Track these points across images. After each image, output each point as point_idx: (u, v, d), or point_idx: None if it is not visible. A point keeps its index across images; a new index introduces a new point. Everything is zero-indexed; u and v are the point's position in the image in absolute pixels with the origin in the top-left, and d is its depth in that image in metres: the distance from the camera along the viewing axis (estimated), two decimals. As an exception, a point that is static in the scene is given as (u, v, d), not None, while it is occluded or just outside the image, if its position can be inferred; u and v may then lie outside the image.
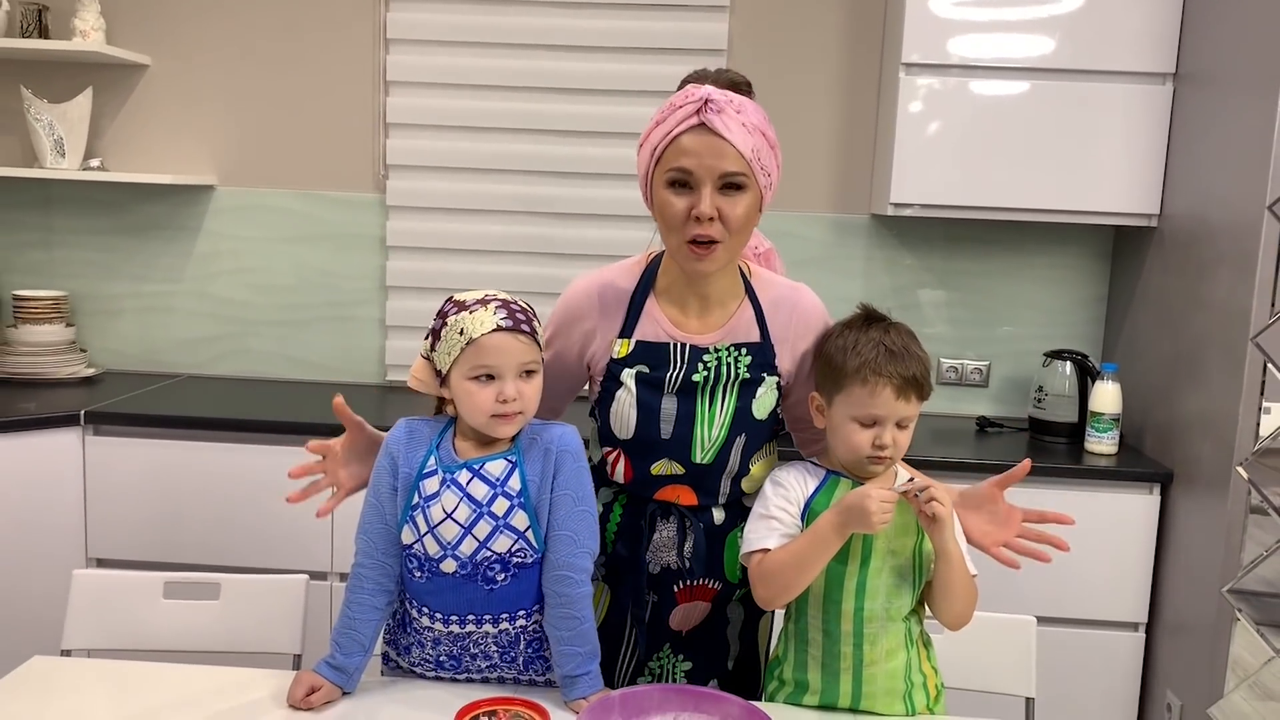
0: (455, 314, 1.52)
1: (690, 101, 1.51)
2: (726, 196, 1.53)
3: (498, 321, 1.50)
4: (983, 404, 3.15)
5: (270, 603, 1.88)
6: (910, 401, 1.53)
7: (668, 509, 1.68)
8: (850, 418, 1.53)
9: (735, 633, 1.74)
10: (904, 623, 1.57)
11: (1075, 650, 2.64)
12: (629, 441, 1.65)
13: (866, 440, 1.52)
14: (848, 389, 1.53)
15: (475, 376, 1.50)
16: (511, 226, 3.13)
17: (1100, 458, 2.70)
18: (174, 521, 2.71)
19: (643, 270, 1.70)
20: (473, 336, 1.49)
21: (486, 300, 1.52)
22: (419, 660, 1.63)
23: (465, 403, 1.52)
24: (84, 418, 2.68)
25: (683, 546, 1.68)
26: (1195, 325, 2.54)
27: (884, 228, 3.12)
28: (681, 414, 1.63)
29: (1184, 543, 2.54)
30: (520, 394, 1.51)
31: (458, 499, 1.52)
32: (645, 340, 1.65)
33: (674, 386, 1.63)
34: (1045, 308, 3.12)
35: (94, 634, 1.83)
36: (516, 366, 1.51)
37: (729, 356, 1.64)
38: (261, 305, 3.22)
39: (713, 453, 1.64)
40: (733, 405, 1.63)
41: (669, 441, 1.64)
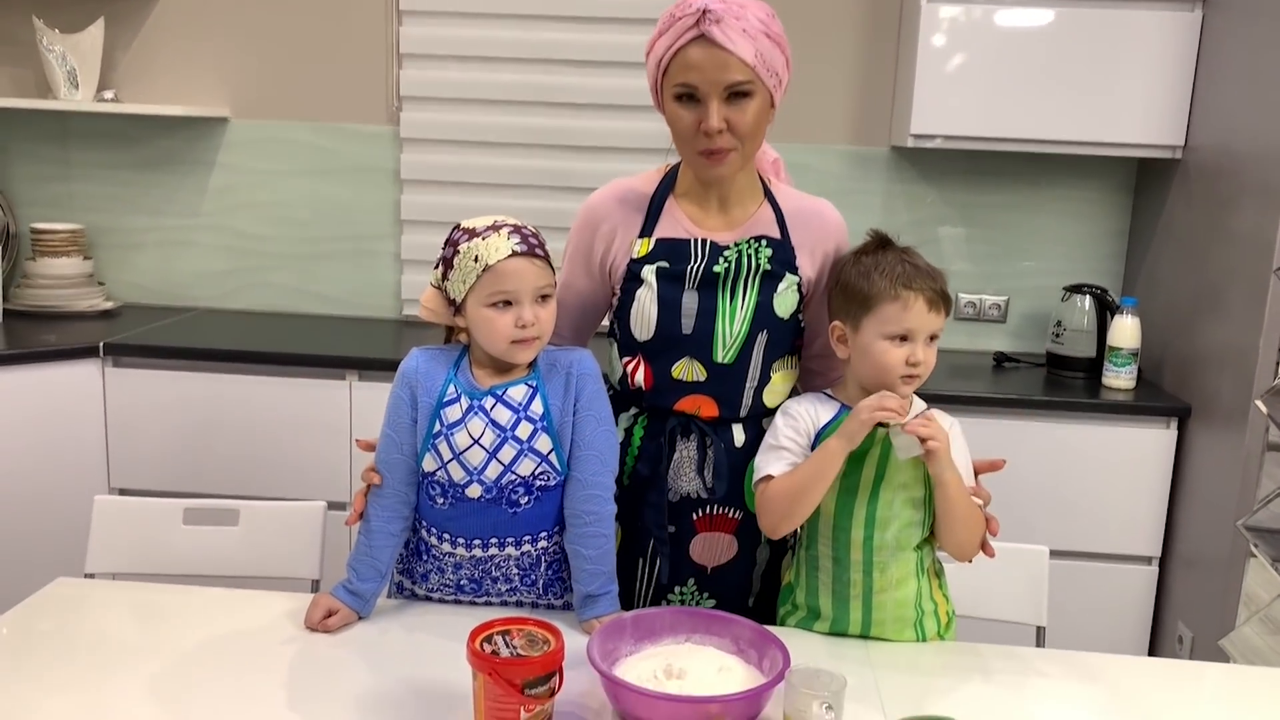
0: (467, 241, 1.51)
1: (688, 13, 1.50)
2: (734, 106, 1.53)
3: (513, 247, 1.49)
4: (1000, 339, 3.13)
5: (288, 529, 1.90)
6: (940, 314, 1.54)
7: (688, 426, 1.68)
8: (882, 336, 1.53)
9: (759, 573, 1.75)
10: (915, 552, 1.58)
11: (1088, 583, 2.65)
12: (649, 342, 1.65)
13: (900, 358, 1.52)
14: (878, 308, 1.53)
15: (493, 303, 1.50)
16: (526, 160, 3.10)
17: (1118, 392, 2.68)
18: (194, 452, 2.74)
19: (662, 176, 1.71)
20: (489, 263, 1.49)
21: (498, 226, 1.52)
22: (437, 586, 1.65)
23: (483, 330, 1.52)
24: (103, 350, 2.70)
25: (703, 468, 1.68)
26: (1218, 258, 2.51)
27: (903, 160, 3.08)
28: (703, 308, 1.63)
29: (1200, 477, 2.53)
30: (538, 318, 1.51)
31: (484, 425, 1.53)
32: (665, 238, 1.66)
33: (695, 281, 1.63)
34: (1065, 242, 3.08)
35: (116, 559, 1.86)
36: (533, 291, 1.51)
37: (749, 249, 1.64)
38: (278, 239, 3.22)
39: (734, 351, 1.64)
40: (754, 300, 1.63)
41: (690, 338, 1.63)
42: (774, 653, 1.37)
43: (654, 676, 1.35)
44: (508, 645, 1.27)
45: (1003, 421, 2.61)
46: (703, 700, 1.27)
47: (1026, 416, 2.62)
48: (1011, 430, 2.61)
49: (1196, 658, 2.48)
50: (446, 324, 1.61)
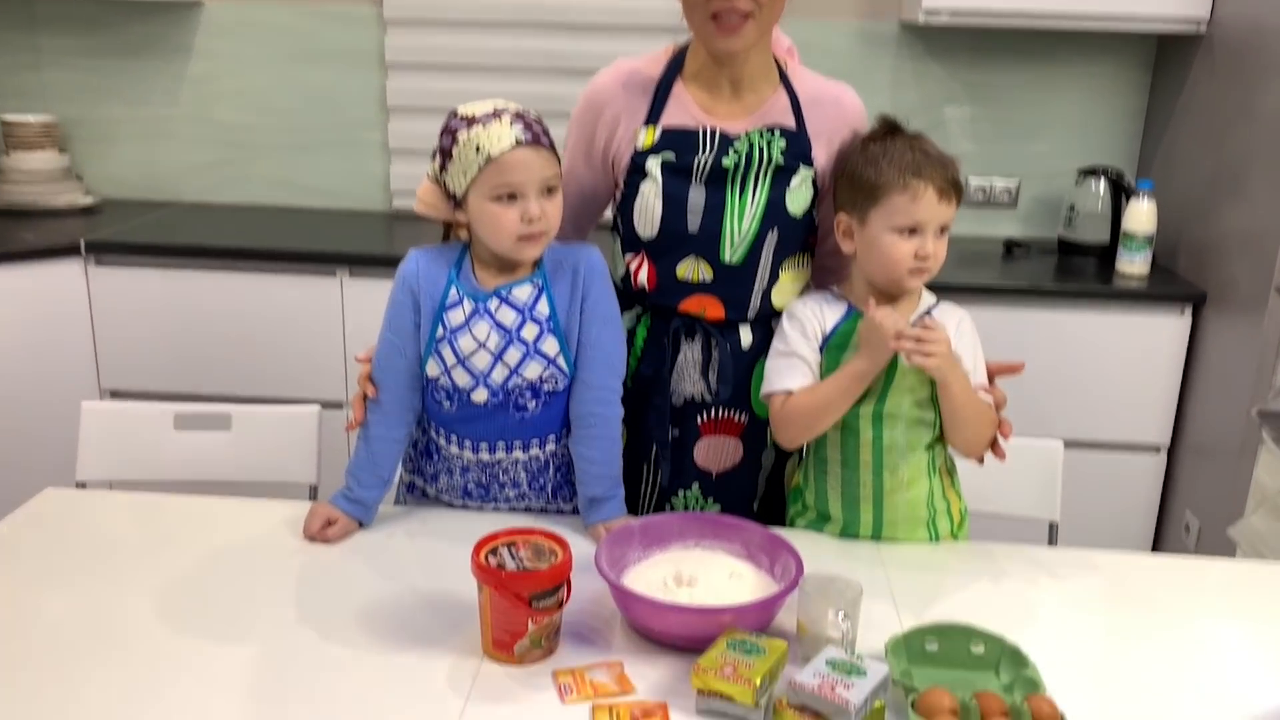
0: (467, 130, 1.41)
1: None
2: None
3: (517, 136, 1.39)
4: (1011, 225, 3.04)
5: (283, 433, 1.85)
6: (952, 205, 1.46)
7: (692, 326, 1.61)
8: (890, 229, 1.45)
9: (764, 477, 1.71)
10: (926, 452, 1.53)
11: (1096, 472, 2.63)
12: (654, 240, 1.57)
13: (909, 251, 1.45)
14: (886, 199, 1.44)
15: (497, 197, 1.41)
16: (520, 40, 2.96)
17: (1131, 279, 2.61)
18: (185, 353, 2.68)
19: (670, 57, 1.60)
20: (492, 154, 1.39)
21: (499, 112, 1.41)
22: (446, 488, 1.61)
23: (487, 226, 1.43)
24: (85, 247, 2.61)
25: (708, 370, 1.62)
26: (1240, 138, 2.41)
27: (913, 38, 2.94)
28: (710, 205, 1.54)
29: (1213, 365, 2.48)
30: (544, 212, 1.42)
31: (488, 328, 1.46)
32: (672, 127, 1.56)
33: (703, 175, 1.53)
34: (1080, 123, 2.96)
35: (107, 466, 1.82)
36: (539, 183, 1.41)
37: (762, 140, 1.54)
38: (260, 129, 3.10)
39: (743, 250, 1.55)
40: (765, 196, 1.54)
41: (696, 236, 1.55)
42: (786, 558, 1.33)
43: (664, 584, 1.31)
44: (514, 557, 1.23)
45: (1012, 311, 2.55)
46: (716, 610, 1.23)
47: (1037, 305, 2.56)
48: (1021, 320, 2.55)
49: (1203, 546, 2.47)
50: (445, 219, 1.52)
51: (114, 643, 1.24)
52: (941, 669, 1.22)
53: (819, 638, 1.22)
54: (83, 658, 1.22)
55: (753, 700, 1.11)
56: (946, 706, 1.09)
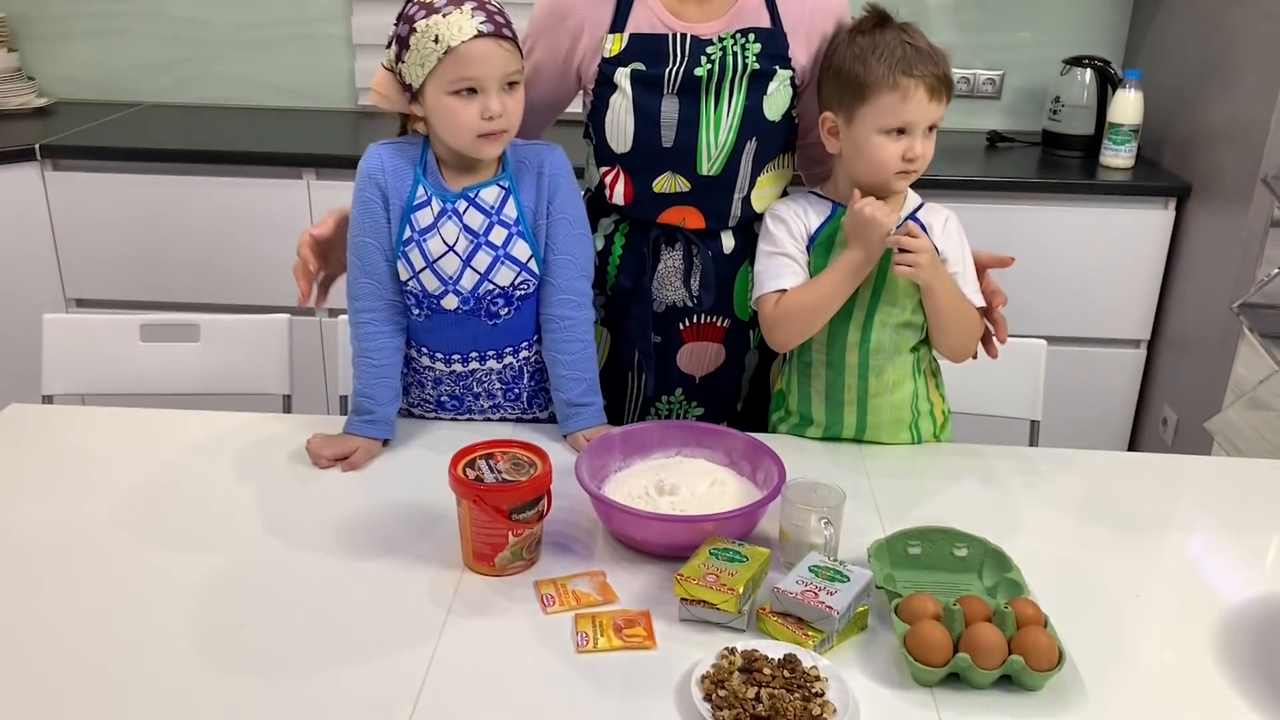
0: (425, 18, 1.33)
1: None
2: None
3: (478, 26, 1.32)
4: (994, 117, 2.97)
5: (253, 343, 1.81)
6: (942, 103, 1.41)
7: (672, 235, 1.56)
8: (878, 129, 1.40)
9: (748, 378, 1.68)
10: (911, 354, 1.51)
11: (1076, 368, 2.62)
12: (627, 155, 1.51)
13: (897, 153, 1.40)
14: (874, 98, 1.38)
15: (456, 91, 1.34)
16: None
17: (1116, 172, 2.57)
18: (151, 259, 2.61)
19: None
20: (451, 45, 1.31)
21: (459, 1, 1.33)
22: (418, 400, 1.57)
23: (445, 121, 1.36)
24: (40, 151, 2.52)
25: (689, 277, 1.58)
26: (1232, 25, 2.34)
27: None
28: (684, 118, 1.47)
29: (1196, 259, 2.46)
30: (505, 109, 1.35)
31: (457, 230, 1.41)
32: (640, 33, 1.47)
33: (674, 86, 1.46)
34: (1065, 10, 2.88)
35: (74, 380, 1.78)
36: (500, 77, 1.34)
37: (735, 45, 1.46)
38: (219, 25, 2.97)
39: (720, 162, 1.49)
40: (741, 104, 1.47)
41: (671, 151, 1.49)
42: (768, 465, 1.32)
43: (645, 493, 1.30)
44: (492, 470, 1.21)
45: (995, 206, 2.51)
46: (697, 519, 1.22)
47: (1020, 200, 2.52)
48: (1004, 215, 2.51)
49: (1180, 440, 2.49)
50: (401, 111, 1.45)
51: (83, 555, 1.22)
52: (924, 572, 1.22)
53: (802, 544, 1.22)
54: (52, 570, 1.20)
55: (736, 608, 1.10)
56: (930, 611, 1.09)
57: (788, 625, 1.10)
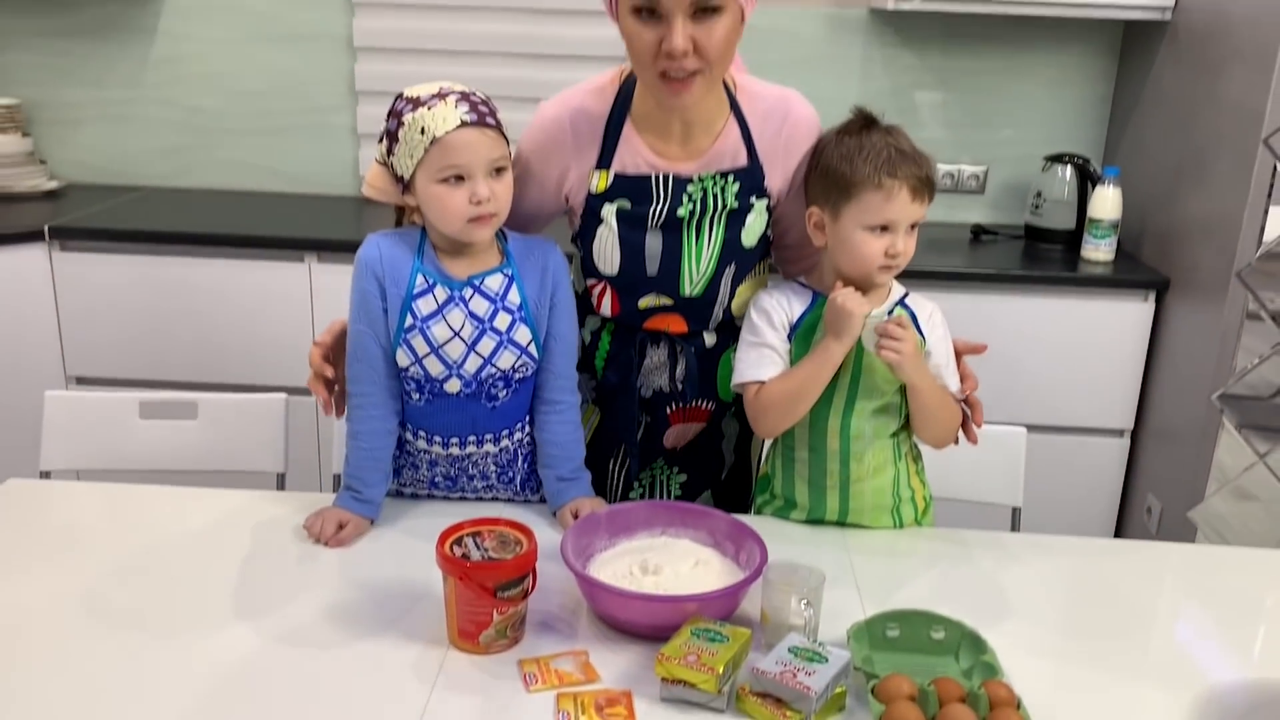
0: (412, 111, 1.39)
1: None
2: (701, 23, 1.35)
3: (461, 116, 1.38)
4: (979, 211, 3.06)
5: (250, 421, 1.84)
6: (923, 203, 1.47)
7: (657, 336, 1.63)
8: (862, 226, 1.46)
9: (730, 446, 1.73)
10: (892, 439, 1.55)
11: (1060, 456, 2.66)
12: (614, 277, 1.58)
13: (880, 249, 1.46)
14: (859, 196, 1.44)
15: (444, 179, 1.39)
16: (486, 24, 2.93)
17: (1096, 265, 2.64)
18: (152, 339, 2.66)
19: (616, 92, 1.54)
20: (436, 135, 1.37)
21: (444, 93, 1.40)
22: (410, 481, 1.61)
23: (436, 209, 1.42)
24: (49, 233, 2.58)
25: (674, 372, 1.64)
26: (1204, 126, 2.43)
27: (882, 23, 2.94)
28: (667, 250, 1.54)
29: (1176, 350, 2.52)
30: (493, 193, 1.40)
31: (463, 317, 1.45)
32: (625, 173, 1.53)
33: (658, 222, 1.53)
34: (1047, 109, 2.98)
35: (72, 456, 1.80)
36: (486, 164, 1.40)
37: (715, 187, 1.53)
38: (227, 113, 3.06)
39: (702, 285, 1.58)
40: (720, 237, 1.55)
41: (656, 278, 1.57)
42: (751, 546, 1.34)
43: (629, 573, 1.32)
44: (479, 548, 1.23)
45: (980, 296, 2.57)
46: (679, 599, 1.25)
47: (1004, 291, 2.58)
48: (988, 305, 2.57)
49: (1165, 529, 2.51)
50: (395, 203, 1.50)
51: (72, 633, 1.24)
52: (902, 654, 1.24)
53: (782, 625, 1.24)
54: (40, 649, 1.21)
55: (715, 688, 1.12)
56: (905, 692, 1.10)
57: (767, 705, 1.11)
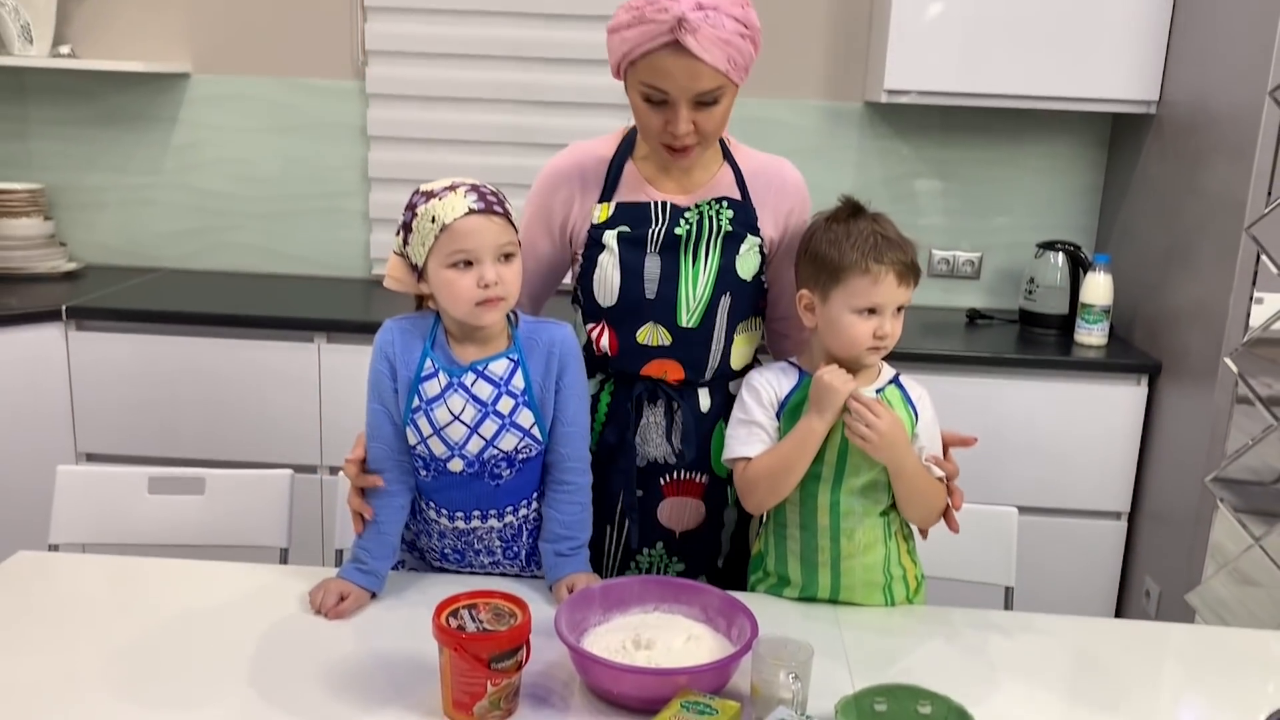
0: (425, 203, 1.48)
1: (662, 18, 1.44)
2: (702, 110, 1.52)
3: (469, 205, 1.46)
4: (974, 296, 3.12)
5: (255, 497, 1.88)
6: (909, 287, 1.53)
7: (654, 391, 1.68)
8: (850, 309, 1.52)
9: (728, 535, 1.76)
10: (881, 517, 1.58)
11: (1058, 538, 2.67)
12: (613, 308, 1.65)
13: (868, 331, 1.52)
14: (847, 280, 1.51)
15: (453, 264, 1.47)
16: (495, 115, 3.05)
17: (1089, 349, 2.69)
18: (162, 416, 2.71)
19: (620, 140, 1.69)
20: (445, 222, 1.45)
21: (455, 185, 1.48)
22: (426, 548, 1.65)
23: (446, 293, 1.49)
24: (66, 313, 2.65)
25: (671, 433, 1.68)
26: (1190, 215, 2.50)
27: (877, 116, 3.05)
28: (665, 272, 1.62)
29: (1170, 433, 2.55)
30: (501, 278, 1.47)
31: (464, 401, 1.51)
32: (625, 202, 1.65)
33: (656, 244, 1.63)
34: (1040, 198, 3.07)
35: (81, 529, 1.84)
36: (494, 249, 1.47)
37: (710, 210, 1.64)
38: (243, 197, 3.16)
39: (698, 314, 1.63)
40: (716, 261, 1.63)
41: (654, 302, 1.63)
42: (742, 621, 1.37)
43: (622, 647, 1.34)
44: (474, 619, 1.26)
45: (976, 379, 2.61)
46: (669, 672, 1.27)
47: (999, 374, 2.62)
48: (985, 387, 2.61)
49: (1163, 612, 2.51)
50: (413, 292, 1.58)
51: (78, 703, 1.26)
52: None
53: (771, 699, 1.26)
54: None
55: (704, 760, 1.14)
56: (891, 766, 1.12)
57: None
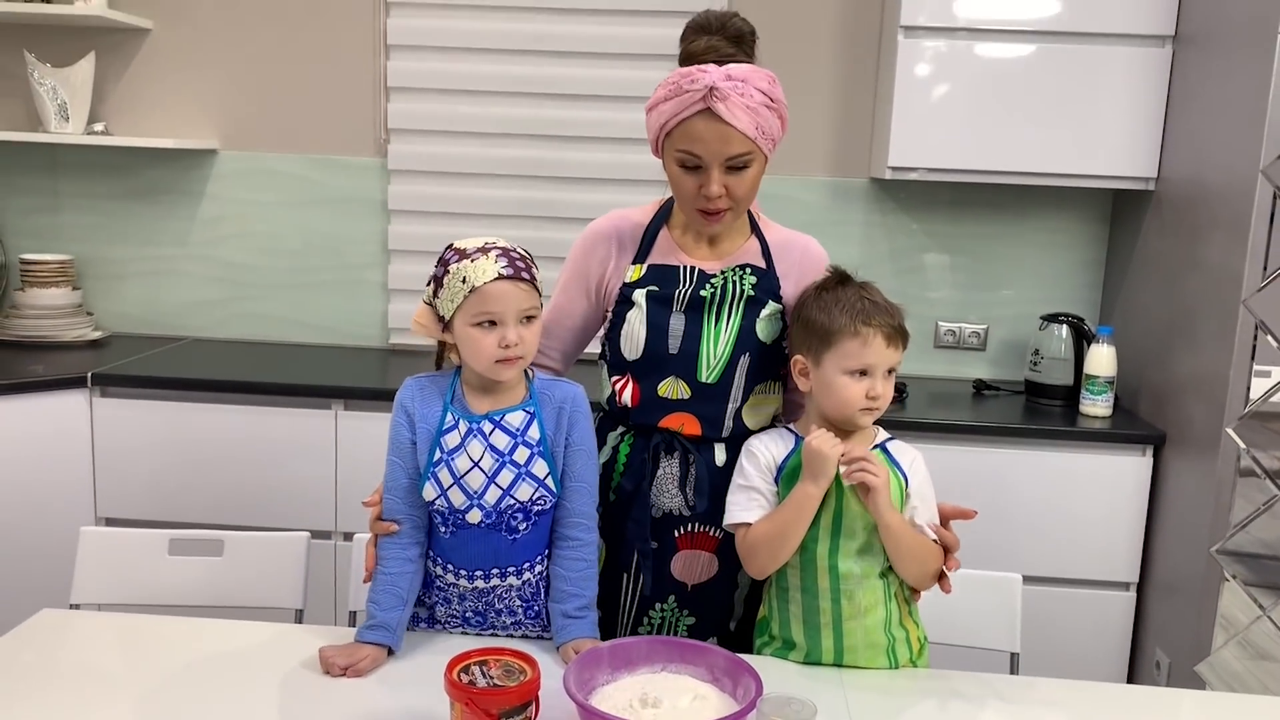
0: (457, 262, 1.56)
1: (695, 88, 1.58)
2: (733, 175, 1.64)
3: (499, 270, 1.54)
4: (980, 367, 3.17)
5: (273, 559, 1.92)
6: (898, 349, 1.59)
7: (671, 443, 1.74)
8: (842, 371, 1.58)
9: (742, 596, 1.79)
10: (881, 579, 1.61)
11: (1067, 609, 2.68)
12: (638, 361, 1.73)
13: (860, 392, 1.57)
14: (838, 344, 1.57)
15: (478, 323, 1.55)
16: (512, 190, 3.14)
17: (1094, 420, 2.72)
18: (181, 482, 2.76)
19: (657, 209, 1.81)
20: (475, 285, 1.54)
21: (487, 249, 1.57)
22: (445, 617, 1.68)
23: (469, 348, 1.57)
24: (91, 380, 2.72)
25: (685, 484, 1.73)
26: (1190, 288, 2.55)
27: (882, 191, 3.13)
28: (689, 331, 1.71)
29: (1175, 504, 2.57)
30: (522, 339, 1.56)
31: (483, 448, 1.57)
32: (657, 264, 1.76)
33: (682, 304, 1.72)
34: (1044, 271, 3.13)
35: (102, 589, 1.88)
36: (517, 313, 1.56)
37: (735, 275, 1.73)
38: (265, 269, 3.25)
39: (718, 371, 1.71)
40: (738, 323, 1.71)
41: (676, 357, 1.71)
42: (747, 680, 1.39)
43: (629, 705, 1.37)
44: (485, 675, 1.29)
45: (983, 449, 2.64)
46: (675, 729, 1.29)
47: (1006, 444, 2.65)
48: (991, 458, 2.64)
49: (1174, 683, 2.50)
50: (437, 339, 1.66)
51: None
52: (893, 789, 1.27)
53: (775, 757, 1.28)
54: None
55: (708, 815, 1.16)
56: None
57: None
